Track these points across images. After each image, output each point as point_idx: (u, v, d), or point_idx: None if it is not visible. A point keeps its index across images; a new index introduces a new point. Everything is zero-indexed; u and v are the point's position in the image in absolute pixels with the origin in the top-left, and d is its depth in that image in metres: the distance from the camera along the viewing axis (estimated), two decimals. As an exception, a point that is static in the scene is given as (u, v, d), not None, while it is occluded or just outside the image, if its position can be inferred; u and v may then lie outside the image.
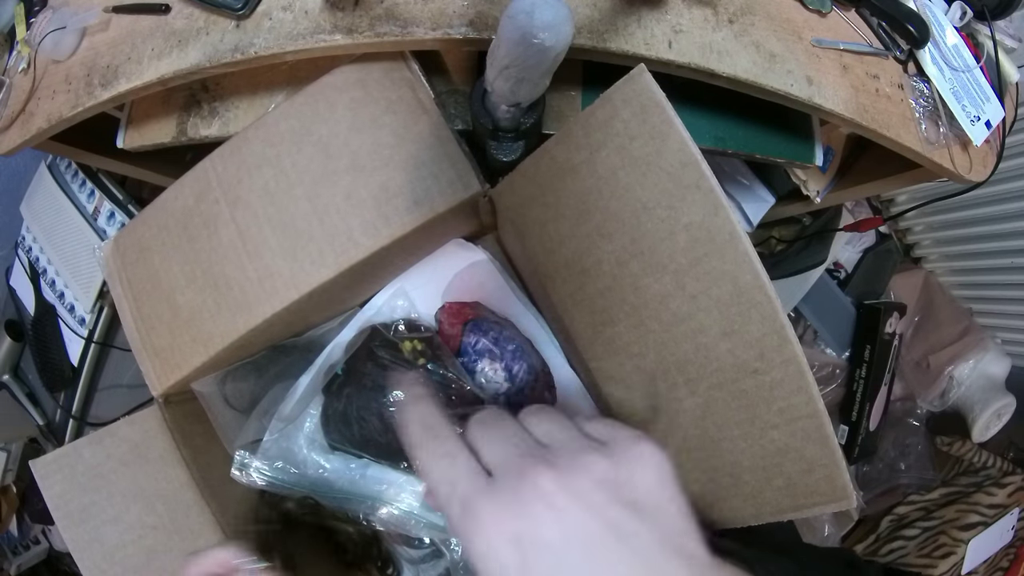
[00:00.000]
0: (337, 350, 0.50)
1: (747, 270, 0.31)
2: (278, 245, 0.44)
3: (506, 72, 0.37)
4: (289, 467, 0.48)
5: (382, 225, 0.43)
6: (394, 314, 0.51)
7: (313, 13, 0.43)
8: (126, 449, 0.47)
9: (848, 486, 0.32)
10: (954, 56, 0.51)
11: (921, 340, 1.05)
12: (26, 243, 0.80)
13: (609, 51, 0.43)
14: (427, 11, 0.43)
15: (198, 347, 0.45)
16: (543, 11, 0.32)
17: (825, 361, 1.00)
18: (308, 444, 0.50)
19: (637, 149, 0.33)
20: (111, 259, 0.49)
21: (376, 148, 0.44)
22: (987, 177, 0.55)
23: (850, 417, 0.98)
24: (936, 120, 0.51)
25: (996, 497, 0.97)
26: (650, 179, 0.33)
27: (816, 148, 0.58)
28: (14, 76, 0.52)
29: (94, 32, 0.49)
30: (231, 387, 0.49)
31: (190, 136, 0.55)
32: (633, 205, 0.34)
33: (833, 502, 0.33)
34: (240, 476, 0.47)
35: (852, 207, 1.00)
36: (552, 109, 0.51)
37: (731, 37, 0.45)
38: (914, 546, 0.97)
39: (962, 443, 1.03)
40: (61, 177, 0.75)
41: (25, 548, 0.97)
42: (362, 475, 0.49)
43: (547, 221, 0.41)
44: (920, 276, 1.08)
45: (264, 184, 0.45)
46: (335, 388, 0.48)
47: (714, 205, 0.31)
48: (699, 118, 0.54)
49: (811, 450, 0.32)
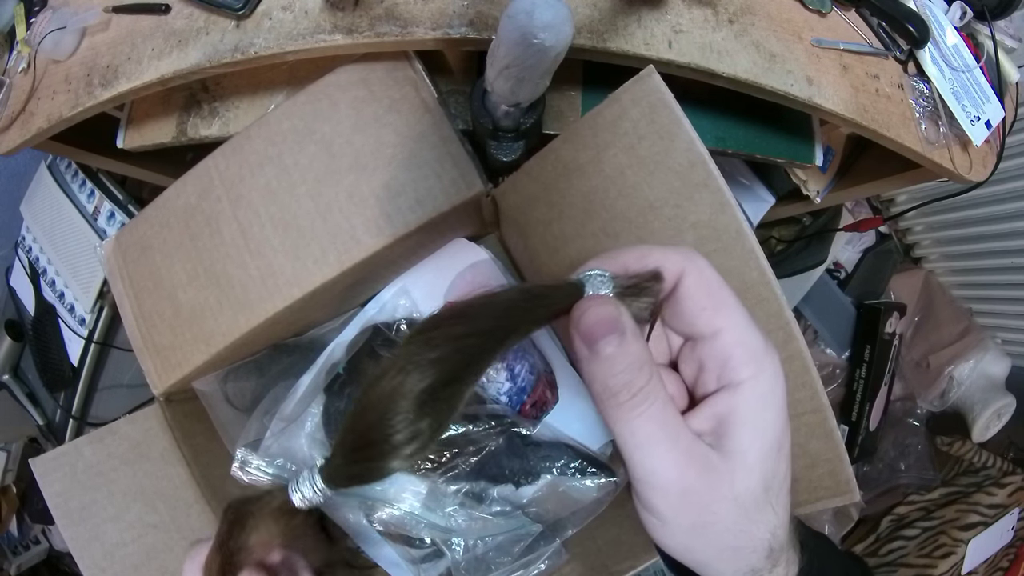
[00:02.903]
0: (339, 349, 0.50)
1: (753, 267, 0.31)
2: (280, 244, 0.44)
3: (506, 72, 0.37)
4: (290, 465, 0.48)
5: (384, 224, 0.43)
6: (396, 313, 0.51)
7: (313, 13, 0.43)
8: (127, 447, 0.47)
9: (851, 480, 0.32)
10: (954, 56, 0.51)
11: (921, 340, 1.05)
12: (26, 243, 0.80)
13: (609, 51, 0.43)
14: (427, 11, 0.43)
15: (199, 346, 0.45)
16: (543, 11, 0.32)
17: (825, 361, 1.00)
18: (309, 443, 0.50)
19: (645, 149, 0.33)
20: (112, 257, 0.49)
21: (379, 147, 0.44)
22: (987, 177, 0.55)
23: (850, 417, 0.98)
24: (936, 120, 0.51)
25: (996, 497, 0.97)
26: (658, 178, 0.33)
27: (816, 148, 0.58)
28: (14, 76, 0.52)
29: (94, 32, 0.49)
30: (232, 386, 0.49)
31: (190, 136, 0.55)
32: (640, 204, 0.34)
33: (837, 496, 0.33)
34: (240, 474, 0.47)
35: (852, 207, 1.00)
36: (552, 109, 0.51)
37: (731, 37, 0.45)
38: (914, 546, 0.97)
39: (962, 443, 1.03)
40: (61, 177, 0.75)
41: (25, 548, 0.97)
42: (363, 474, 0.49)
43: (551, 220, 0.41)
44: (920, 276, 1.08)
45: (266, 182, 0.45)
46: (337, 387, 0.48)
47: (721, 203, 0.32)
48: (699, 118, 0.54)
49: (815, 445, 0.33)
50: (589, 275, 0.23)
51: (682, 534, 0.23)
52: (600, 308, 0.22)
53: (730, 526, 0.22)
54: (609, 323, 0.22)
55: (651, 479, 0.22)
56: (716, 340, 0.24)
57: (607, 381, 0.22)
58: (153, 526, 0.46)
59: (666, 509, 0.22)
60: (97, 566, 0.44)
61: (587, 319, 0.22)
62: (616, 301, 0.23)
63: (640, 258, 0.24)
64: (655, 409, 0.22)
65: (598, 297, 0.23)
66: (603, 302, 0.22)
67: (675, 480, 0.22)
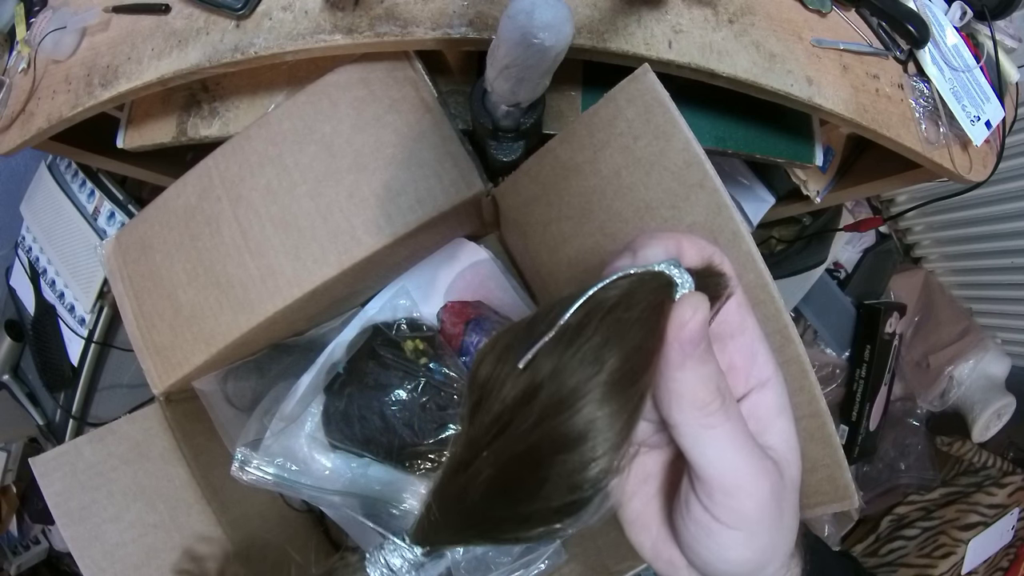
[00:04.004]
0: (339, 349, 0.50)
1: (751, 269, 0.31)
2: (280, 243, 0.44)
3: (506, 72, 0.37)
4: (290, 465, 0.48)
5: (385, 224, 0.43)
6: (396, 313, 0.51)
7: (313, 13, 0.43)
8: (127, 447, 0.47)
9: (850, 486, 0.32)
10: (954, 56, 0.51)
11: (921, 340, 1.05)
12: (26, 243, 0.80)
13: (609, 51, 0.43)
14: (427, 11, 0.43)
15: (199, 345, 0.45)
16: (543, 11, 0.32)
17: (825, 361, 1.00)
18: (309, 443, 0.50)
19: (641, 149, 0.33)
20: (112, 257, 0.49)
21: (379, 147, 0.44)
22: (987, 177, 0.55)
23: (850, 417, 0.98)
24: (936, 120, 0.51)
25: (996, 497, 0.97)
26: (654, 178, 0.33)
27: (816, 148, 0.58)
28: (14, 76, 0.52)
29: (94, 32, 0.49)
30: (232, 386, 0.49)
31: (190, 136, 0.55)
32: (637, 204, 0.34)
33: (835, 502, 0.33)
34: (240, 474, 0.47)
35: (852, 207, 1.00)
36: (552, 109, 0.51)
37: (731, 37, 0.45)
38: (914, 546, 0.97)
39: (962, 443, 1.03)
40: (61, 177, 0.75)
41: (25, 548, 0.97)
42: (363, 474, 0.49)
43: (550, 220, 0.41)
44: (920, 276, 1.08)
45: (267, 182, 0.45)
46: (337, 387, 0.48)
47: (718, 204, 0.31)
48: (699, 118, 0.54)
49: (813, 450, 0.32)
50: (672, 269, 0.20)
51: (766, 537, 0.21)
52: (703, 310, 0.20)
53: (789, 522, 0.22)
54: (705, 327, 0.20)
55: (745, 485, 0.20)
56: (744, 337, 0.23)
57: (700, 390, 0.20)
58: (153, 526, 0.46)
59: (758, 513, 0.21)
60: (97, 566, 0.44)
61: (696, 321, 0.19)
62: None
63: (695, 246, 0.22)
64: (738, 415, 0.21)
65: (698, 296, 0.20)
66: (703, 303, 0.20)
67: (766, 483, 0.21)
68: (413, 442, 0.46)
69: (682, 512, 0.22)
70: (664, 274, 0.20)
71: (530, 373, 0.19)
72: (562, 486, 0.18)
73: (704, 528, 0.21)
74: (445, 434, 0.46)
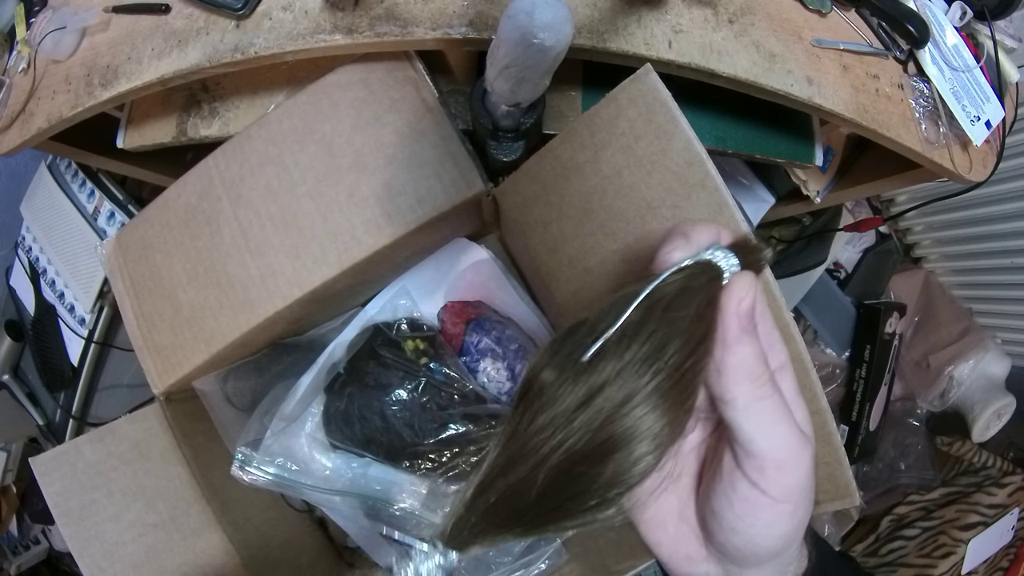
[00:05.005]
0: (339, 349, 0.50)
1: (750, 268, 0.31)
2: (280, 243, 0.44)
3: (506, 72, 0.37)
4: (290, 465, 0.48)
5: (385, 224, 0.43)
6: (396, 313, 0.51)
7: (313, 13, 0.43)
8: (127, 447, 0.47)
9: (851, 484, 0.32)
10: (954, 56, 0.51)
11: (921, 340, 1.05)
12: (26, 243, 0.80)
13: (609, 51, 0.43)
14: (427, 11, 0.43)
15: (200, 345, 0.45)
16: (543, 11, 0.32)
17: (825, 361, 1.00)
18: (309, 443, 0.50)
19: (642, 148, 0.33)
20: (113, 256, 0.49)
21: (379, 147, 0.44)
22: (987, 177, 0.55)
23: (850, 417, 0.98)
24: (936, 120, 0.51)
25: (996, 497, 0.97)
26: (655, 178, 0.33)
27: (816, 148, 0.58)
28: (14, 76, 0.52)
29: (94, 32, 0.49)
30: (233, 386, 0.49)
31: (190, 136, 0.55)
32: (638, 204, 0.34)
33: (837, 500, 0.33)
34: (240, 474, 0.47)
35: (852, 207, 1.00)
36: (552, 109, 0.51)
37: (731, 37, 0.45)
38: (914, 546, 0.97)
39: (962, 443, 1.03)
40: (61, 177, 0.75)
41: (25, 548, 0.97)
42: (363, 474, 0.49)
43: (550, 220, 0.41)
44: (920, 276, 1.08)
45: (267, 182, 0.45)
46: (337, 387, 0.48)
47: (719, 204, 0.31)
48: (699, 118, 0.54)
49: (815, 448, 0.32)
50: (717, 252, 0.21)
51: (804, 510, 0.22)
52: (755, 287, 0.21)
53: (812, 501, 0.23)
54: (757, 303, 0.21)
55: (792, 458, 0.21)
56: (763, 323, 0.23)
57: (755, 363, 0.21)
58: (153, 526, 0.46)
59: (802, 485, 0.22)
60: (97, 566, 0.44)
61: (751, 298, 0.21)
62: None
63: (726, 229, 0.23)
64: (779, 390, 0.21)
65: (748, 275, 0.21)
66: (754, 281, 0.21)
67: (807, 456, 0.21)
68: (413, 442, 0.46)
69: (726, 493, 0.22)
70: (714, 264, 0.21)
71: (592, 374, 0.19)
72: (615, 481, 0.19)
73: (752, 504, 0.22)
74: (445, 434, 0.46)
